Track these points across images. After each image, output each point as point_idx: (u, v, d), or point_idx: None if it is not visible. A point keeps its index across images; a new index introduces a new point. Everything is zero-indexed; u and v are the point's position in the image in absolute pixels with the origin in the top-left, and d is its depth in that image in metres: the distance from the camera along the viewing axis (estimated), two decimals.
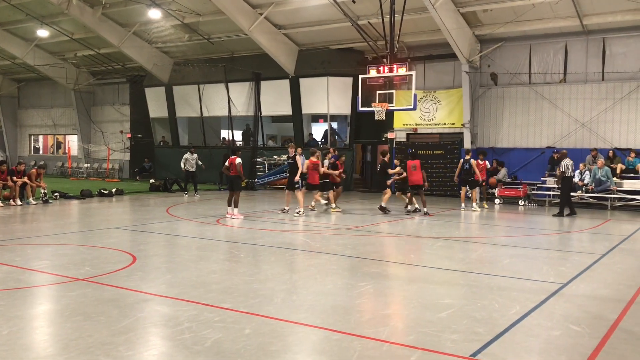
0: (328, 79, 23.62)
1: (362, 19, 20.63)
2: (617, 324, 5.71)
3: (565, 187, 15.74)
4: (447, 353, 4.80)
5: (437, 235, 11.82)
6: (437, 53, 21.85)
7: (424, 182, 15.53)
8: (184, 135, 29.42)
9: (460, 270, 8.30)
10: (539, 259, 9.36)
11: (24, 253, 9.12)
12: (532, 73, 20.64)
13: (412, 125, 22.73)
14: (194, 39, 25.64)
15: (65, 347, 4.79)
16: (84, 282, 7.06)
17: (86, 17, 24.62)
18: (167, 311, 5.92)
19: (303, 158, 15.59)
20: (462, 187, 17.35)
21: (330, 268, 8.36)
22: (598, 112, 19.44)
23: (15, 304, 6.08)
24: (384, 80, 16.67)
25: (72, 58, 30.60)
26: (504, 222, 14.93)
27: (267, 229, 12.43)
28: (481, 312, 6.03)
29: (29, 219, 13.72)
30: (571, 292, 7.02)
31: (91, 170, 32.32)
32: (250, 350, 4.79)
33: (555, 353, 4.89)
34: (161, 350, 4.85)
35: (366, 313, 6.09)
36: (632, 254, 10.23)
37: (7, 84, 36.54)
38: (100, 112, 33.68)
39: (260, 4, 22.02)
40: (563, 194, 15.85)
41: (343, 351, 4.83)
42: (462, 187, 17.39)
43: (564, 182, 15.73)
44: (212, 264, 8.41)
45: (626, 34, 18.98)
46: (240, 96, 26.35)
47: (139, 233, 11.49)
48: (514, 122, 20.99)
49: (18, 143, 37.89)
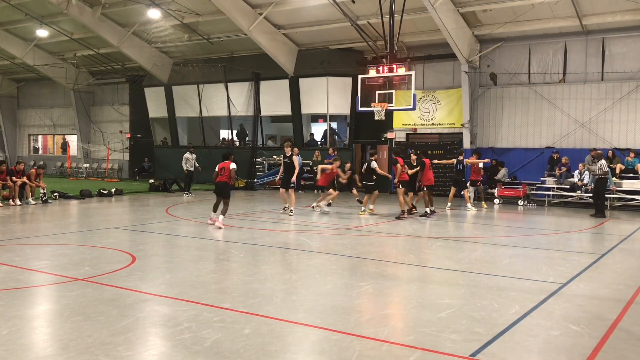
0: (327, 79, 23.62)
1: (361, 19, 20.63)
2: (617, 324, 5.71)
3: (601, 187, 15.68)
4: (447, 353, 4.80)
5: (437, 235, 11.82)
6: (436, 53, 21.86)
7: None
8: (184, 135, 29.43)
9: (460, 270, 8.30)
10: (538, 259, 9.36)
11: (24, 253, 9.12)
12: (531, 73, 20.65)
13: (412, 125, 22.74)
14: (193, 39, 25.63)
15: (65, 347, 4.79)
16: (84, 282, 7.05)
17: (85, 17, 24.62)
18: (167, 311, 5.92)
19: (299, 158, 15.67)
20: (452, 187, 17.46)
21: (329, 268, 8.35)
22: (597, 112, 19.44)
23: (14, 304, 6.07)
24: (383, 80, 16.67)
25: (71, 58, 30.59)
26: (504, 222, 14.93)
27: (267, 229, 12.43)
28: (481, 312, 6.03)
29: (29, 219, 13.71)
30: (571, 292, 7.03)
31: (90, 170, 32.31)
32: (249, 350, 4.79)
33: (554, 353, 4.89)
34: (160, 350, 4.85)
35: (366, 313, 6.08)
36: (632, 254, 10.23)
37: (7, 84, 36.53)
38: (100, 112, 33.67)
39: (260, 4, 22.02)
40: (599, 194, 15.81)
41: (342, 351, 4.82)
42: (452, 187, 17.51)
43: (599, 182, 15.66)
44: (211, 264, 8.41)
45: (625, 34, 18.98)
46: (239, 96, 26.35)
47: (139, 233, 11.49)
48: (513, 122, 20.99)
49: (17, 143, 37.88)
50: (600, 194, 15.93)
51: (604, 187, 15.86)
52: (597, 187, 15.97)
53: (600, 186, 15.81)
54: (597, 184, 15.88)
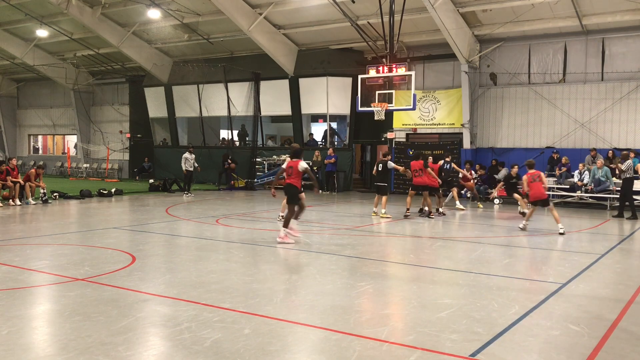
0: (327, 79, 23.62)
1: (361, 19, 20.63)
2: (617, 324, 5.71)
3: (628, 188, 15.24)
4: (447, 353, 4.80)
5: (436, 235, 11.82)
6: (436, 53, 21.86)
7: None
8: (184, 135, 29.43)
9: (460, 270, 8.30)
10: (538, 259, 9.36)
11: (23, 253, 9.12)
12: (531, 73, 20.65)
13: (412, 125, 22.74)
14: (193, 39, 25.64)
15: (65, 347, 4.79)
16: (83, 282, 7.05)
17: (85, 17, 24.63)
18: (167, 311, 5.92)
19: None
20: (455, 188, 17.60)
21: (329, 268, 8.35)
22: (597, 112, 19.45)
23: (14, 304, 6.07)
24: (383, 80, 16.67)
25: (71, 58, 30.59)
26: (504, 222, 14.92)
27: (267, 229, 12.42)
28: (480, 312, 6.03)
29: (29, 219, 13.71)
30: (570, 292, 7.02)
31: (90, 170, 32.31)
32: (249, 350, 4.79)
33: (554, 353, 4.89)
34: (160, 350, 4.85)
35: (365, 313, 6.08)
36: (632, 254, 10.23)
37: (7, 84, 36.54)
38: (100, 112, 33.67)
39: (260, 4, 22.02)
40: (626, 195, 15.36)
41: (342, 351, 4.82)
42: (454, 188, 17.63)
43: (626, 182, 15.21)
44: (211, 264, 8.41)
45: (625, 34, 18.99)
46: (239, 96, 26.36)
47: (138, 233, 11.49)
48: (513, 122, 20.99)
49: (17, 143, 37.88)
50: (627, 195, 15.35)
51: (631, 187, 15.34)
52: (624, 188, 15.37)
53: (627, 187, 15.23)
54: (625, 184, 15.26)
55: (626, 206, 15.52)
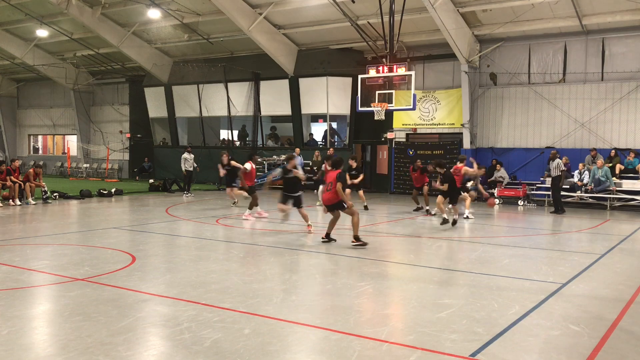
0: (327, 79, 23.61)
1: (361, 19, 20.62)
2: (617, 324, 5.71)
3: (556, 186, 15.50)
4: (447, 353, 4.80)
5: (436, 235, 11.82)
6: (436, 53, 21.85)
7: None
8: (184, 135, 29.43)
9: (460, 270, 8.30)
10: (538, 259, 9.36)
11: (23, 253, 9.12)
12: (531, 73, 20.64)
13: (412, 125, 22.73)
14: (193, 39, 25.63)
15: (65, 347, 4.79)
16: (83, 282, 7.05)
17: (85, 17, 24.62)
18: (167, 311, 5.92)
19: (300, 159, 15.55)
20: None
21: (329, 268, 8.35)
22: (597, 112, 19.44)
23: (14, 304, 6.07)
24: (383, 80, 16.66)
25: (71, 58, 30.58)
26: (503, 222, 14.93)
27: (267, 228, 12.42)
28: (480, 312, 6.03)
29: (29, 219, 13.71)
30: (570, 292, 7.02)
31: (90, 170, 32.29)
32: (249, 350, 4.79)
33: (554, 353, 4.89)
34: (160, 350, 4.85)
35: (365, 313, 6.08)
36: (632, 254, 10.23)
37: (7, 84, 36.52)
38: (100, 112, 33.67)
39: (260, 4, 22.02)
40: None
41: (342, 351, 4.82)
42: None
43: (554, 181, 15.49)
44: (211, 264, 8.41)
45: (625, 34, 18.98)
46: (239, 96, 26.35)
47: (138, 233, 11.49)
48: (513, 122, 20.99)
49: (17, 143, 37.87)
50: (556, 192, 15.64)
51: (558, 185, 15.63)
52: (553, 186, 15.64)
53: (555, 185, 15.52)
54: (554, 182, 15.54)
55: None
